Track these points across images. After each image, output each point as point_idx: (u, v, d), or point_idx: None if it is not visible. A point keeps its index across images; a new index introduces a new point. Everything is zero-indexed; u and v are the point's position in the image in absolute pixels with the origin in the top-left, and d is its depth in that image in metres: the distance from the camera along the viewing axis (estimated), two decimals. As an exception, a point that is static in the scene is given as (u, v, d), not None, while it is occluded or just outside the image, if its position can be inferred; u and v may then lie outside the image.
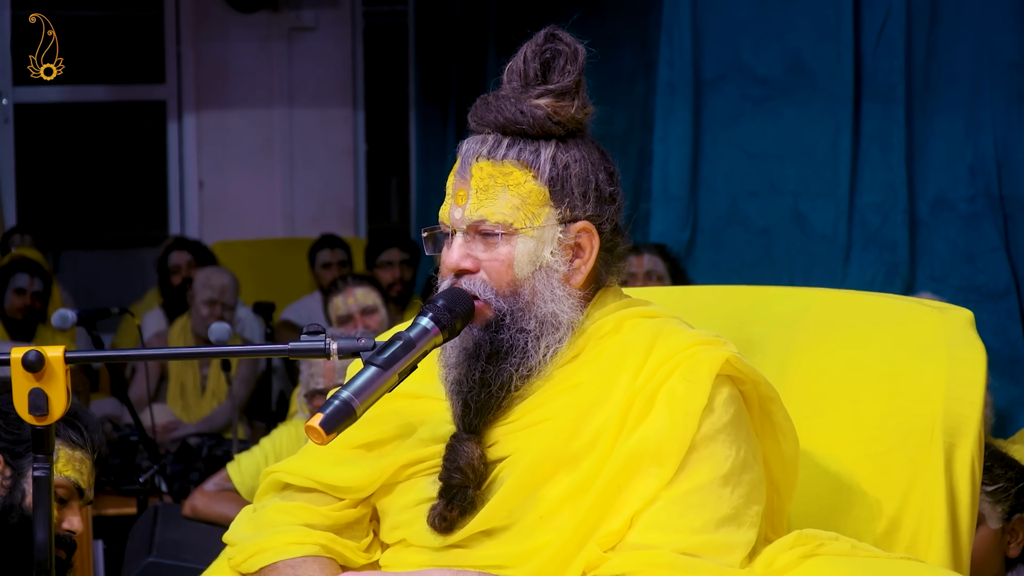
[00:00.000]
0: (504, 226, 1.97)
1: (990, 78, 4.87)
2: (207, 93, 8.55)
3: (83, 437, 2.55)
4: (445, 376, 2.02)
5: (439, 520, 1.97)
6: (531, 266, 1.98)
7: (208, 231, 8.24)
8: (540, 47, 2.02)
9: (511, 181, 1.97)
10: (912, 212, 4.98)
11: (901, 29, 4.90)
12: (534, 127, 1.98)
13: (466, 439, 1.98)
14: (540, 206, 1.98)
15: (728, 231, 5.16)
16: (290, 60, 8.61)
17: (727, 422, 1.93)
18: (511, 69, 2.04)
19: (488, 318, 1.98)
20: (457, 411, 2.00)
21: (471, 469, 1.96)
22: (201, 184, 8.60)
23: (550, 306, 1.98)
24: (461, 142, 2.05)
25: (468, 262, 1.99)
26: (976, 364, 2.21)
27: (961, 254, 4.93)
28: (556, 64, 2.01)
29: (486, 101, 2.02)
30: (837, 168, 5.00)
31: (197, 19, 8.54)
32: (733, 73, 5.11)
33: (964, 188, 4.94)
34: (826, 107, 4.99)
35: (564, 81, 2.00)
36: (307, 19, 8.62)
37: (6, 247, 7.35)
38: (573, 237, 2.00)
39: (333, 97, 8.70)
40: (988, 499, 2.83)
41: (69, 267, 8.51)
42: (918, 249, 4.99)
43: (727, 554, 1.89)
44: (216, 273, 6.11)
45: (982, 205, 4.88)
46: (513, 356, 1.97)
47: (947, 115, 4.95)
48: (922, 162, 4.98)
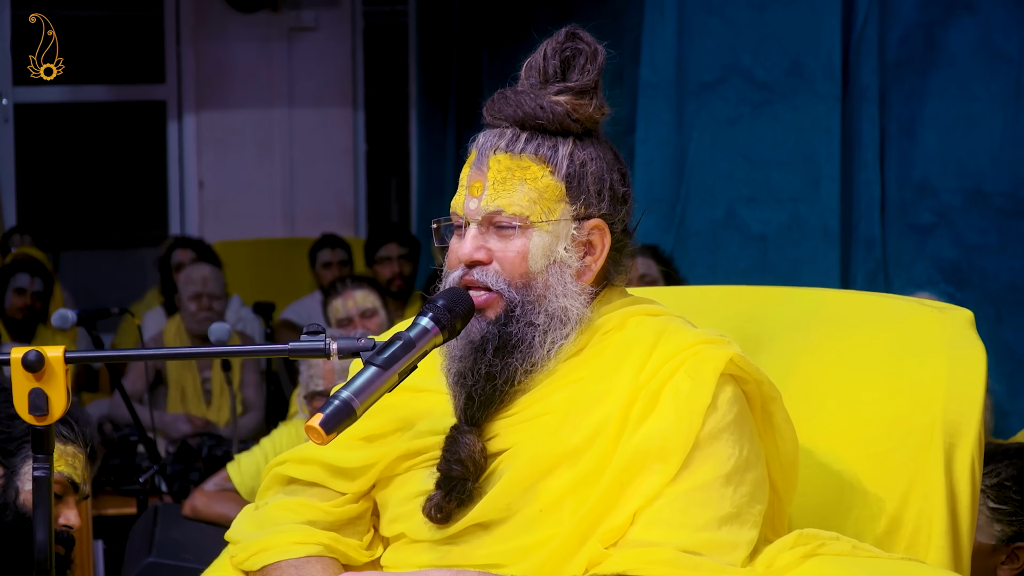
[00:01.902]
0: (520, 218, 1.98)
1: (990, 75, 4.87)
2: (207, 93, 8.56)
3: (74, 432, 2.55)
4: (448, 368, 2.02)
5: (435, 511, 1.97)
6: (545, 260, 1.99)
7: (208, 231, 8.24)
8: (560, 45, 2.03)
9: (528, 175, 1.98)
10: (913, 214, 4.97)
11: (878, 28, 4.90)
12: (553, 123, 1.99)
13: (467, 431, 1.99)
14: (556, 201, 1.99)
15: (724, 235, 5.16)
16: (290, 60, 8.62)
17: (731, 421, 1.94)
18: (530, 65, 2.05)
19: (498, 311, 1.98)
20: (460, 404, 2.00)
21: (472, 462, 1.97)
22: (201, 184, 8.60)
23: (561, 301, 1.99)
24: (476, 135, 2.05)
25: (481, 253, 1.99)
26: (976, 364, 2.21)
27: (965, 254, 4.93)
28: (576, 63, 2.02)
29: (504, 95, 2.02)
30: (834, 172, 5.00)
31: (197, 19, 8.54)
32: (731, 77, 5.10)
33: (968, 189, 4.94)
34: (824, 111, 4.99)
35: (584, 80, 2.02)
36: (307, 19, 8.62)
37: (6, 247, 7.35)
38: (586, 234, 2.01)
39: (333, 97, 8.71)
40: (988, 514, 2.79)
41: (69, 267, 8.51)
42: (920, 251, 4.99)
43: (729, 552, 1.89)
44: (195, 267, 6.09)
45: (986, 205, 4.88)
46: (520, 350, 1.98)
47: (950, 115, 4.95)
48: (925, 163, 4.97)
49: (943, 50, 4.90)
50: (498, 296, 1.98)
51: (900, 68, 4.94)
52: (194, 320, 5.86)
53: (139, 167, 8.98)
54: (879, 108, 4.92)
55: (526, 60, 2.06)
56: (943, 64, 4.89)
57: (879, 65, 4.91)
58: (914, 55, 4.92)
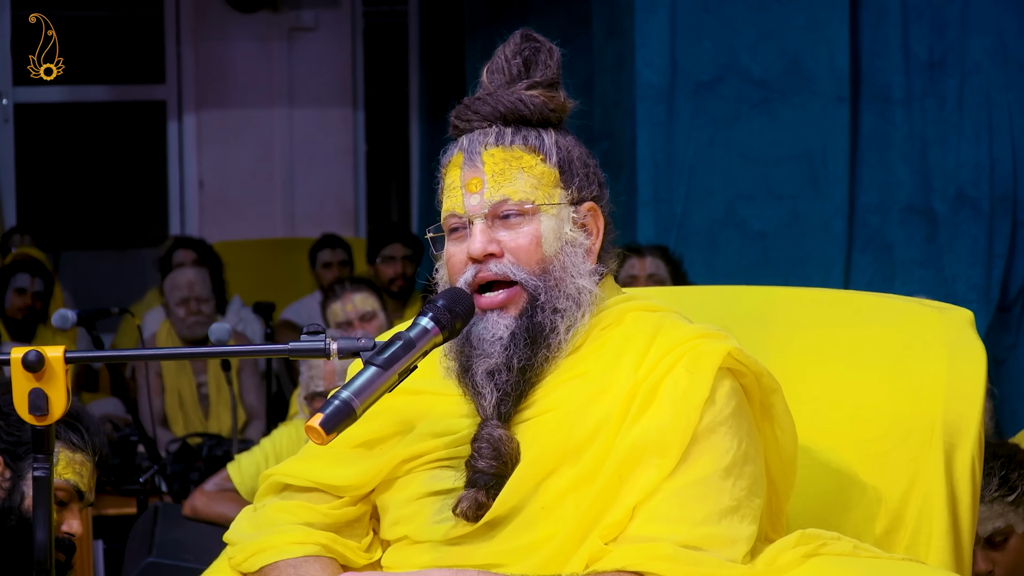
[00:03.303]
0: (528, 204, 2.00)
1: (1005, 79, 4.87)
2: (207, 93, 8.55)
3: (84, 440, 2.54)
4: (472, 367, 2.00)
5: (473, 509, 1.95)
6: (558, 242, 2.01)
7: (208, 231, 8.23)
8: (519, 46, 2.08)
9: (524, 164, 2.02)
10: (915, 214, 4.98)
11: (897, 28, 4.90)
12: (535, 114, 2.04)
13: (499, 427, 1.98)
14: (553, 187, 2.03)
15: (724, 234, 5.16)
16: (290, 60, 8.61)
17: (729, 414, 1.94)
18: (491, 69, 2.09)
19: (522, 305, 1.99)
20: (492, 401, 1.98)
21: (510, 458, 1.96)
22: (201, 184, 8.60)
23: (579, 281, 2.01)
24: (449, 145, 2.07)
25: (493, 246, 2.00)
26: (976, 364, 2.21)
27: (972, 256, 4.93)
28: (538, 59, 2.08)
29: (477, 98, 2.06)
30: (836, 170, 5.00)
31: (197, 19, 8.54)
32: (730, 75, 5.10)
33: (973, 189, 4.94)
34: (823, 109, 4.99)
35: (548, 74, 2.07)
36: (307, 19, 8.62)
37: (6, 247, 7.34)
38: (583, 217, 2.05)
39: (333, 97, 8.71)
40: (1012, 508, 2.80)
41: (69, 267, 8.50)
42: (922, 252, 4.99)
43: (729, 547, 1.89)
44: (179, 272, 6.03)
45: (991, 208, 4.89)
46: (549, 338, 1.99)
47: (956, 115, 4.95)
48: (927, 164, 4.97)
49: (966, 55, 4.91)
50: (519, 288, 1.99)
51: (923, 71, 4.94)
52: (185, 325, 5.80)
53: (139, 167, 8.98)
54: (904, 110, 4.92)
55: (484, 66, 2.10)
56: (967, 70, 4.90)
57: (904, 66, 4.91)
58: (935, 58, 4.92)
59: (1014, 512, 2.81)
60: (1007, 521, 2.78)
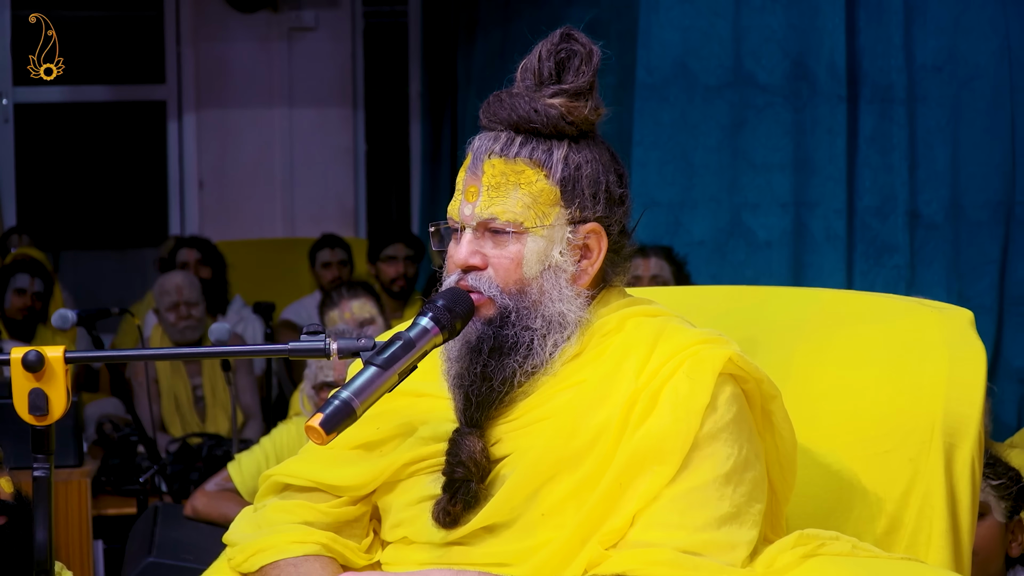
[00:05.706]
0: (514, 224, 1.97)
1: (1010, 81, 4.87)
2: (207, 93, 8.55)
3: None
4: (447, 370, 2.02)
5: (443, 515, 1.97)
6: (540, 265, 1.98)
7: (208, 231, 8.23)
8: (555, 47, 2.02)
9: (523, 179, 1.98)
10: (918, 216, 4.97)
11: (899, 27, 4.89)
12: (547, 126, 1.99)
13: (468, 433, 1.98)
14: (551, 205, 1.98)
15: (730, 243, 5.14)
16: (290, 60, 8.62)
17: (729, 420, 1.94)
18: (525, 67, 2.04)
19: (491, 314, 1.98)
20: (459, 405, 2.00)
21: (473, 463, 1.96)
22: (201, 184, 8.60)
23: (558, 305, 1.98)
24: (472, 138, 2.04)
25: (477, 258, 1.99)
26: (976, 364, 2.21)
27: (974, 260, 4.93)
28: (571, 64, 2.02)
29: (499, 98, 2.02)
30: (839, 175, 4.99)
31: (197, 19, 8.54)
32: (734, 79, 5.09)
33: (976, 193, 4.94)
34: (826, 112, 4.98)
35: (578, 82, 2.01)
36: (307, 19, 8.62)
37: (6, 247, 7.35)
38: (582, 238, 2.01)
39: (333, 97, 8.71)
40: (994, 492, 2.83)
41: (69, 267, 8.51)
42: (925, 254, 4.98)
43: (729, 552, 1.89)
44: (167, 278, 5.98)
45: (993, 211, 4.88)
46: (517, 352, 1.98)
47: (958, 117, 4.94)
48: (930, 166, 4.97)
49: (970, 58, 4.90)
50: (490, 301, 1.98)
51: (926, 72, 4.93)
52: (176, 330, 5.77)
53: (139, 167, 8.98)
54: (906, 111, 4.91)
55: (521, 62, 2.05)
56: (972, 73, 4.89)
57: (906, 66, 4.90)
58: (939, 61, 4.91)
59: (994, 495, 2.83)
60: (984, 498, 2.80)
